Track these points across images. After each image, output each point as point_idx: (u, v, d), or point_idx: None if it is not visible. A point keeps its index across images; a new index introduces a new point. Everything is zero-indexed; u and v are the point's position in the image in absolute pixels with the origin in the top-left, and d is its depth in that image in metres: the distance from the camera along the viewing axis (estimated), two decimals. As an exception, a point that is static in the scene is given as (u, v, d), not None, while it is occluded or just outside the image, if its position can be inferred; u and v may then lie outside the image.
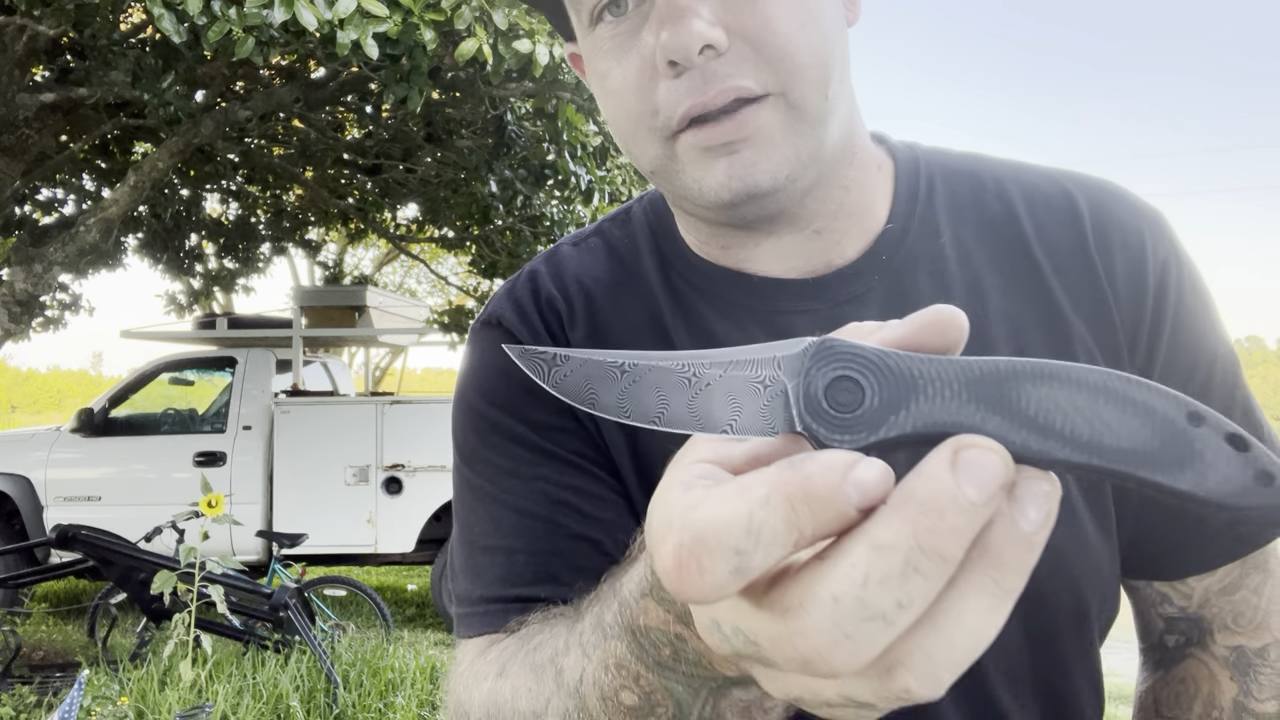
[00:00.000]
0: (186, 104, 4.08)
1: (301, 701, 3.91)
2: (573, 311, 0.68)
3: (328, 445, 6.49)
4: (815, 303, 0.63)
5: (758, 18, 0.54)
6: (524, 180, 5.31)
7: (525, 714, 0.52)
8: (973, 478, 0.27)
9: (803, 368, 0.30)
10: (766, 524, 0.27)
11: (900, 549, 0.26)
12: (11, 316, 4.32)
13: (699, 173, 0.57)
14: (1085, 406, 0.28)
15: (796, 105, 0.56)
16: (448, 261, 14.28)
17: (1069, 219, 0.65)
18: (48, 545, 4.58)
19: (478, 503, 0.65)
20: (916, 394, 0.29)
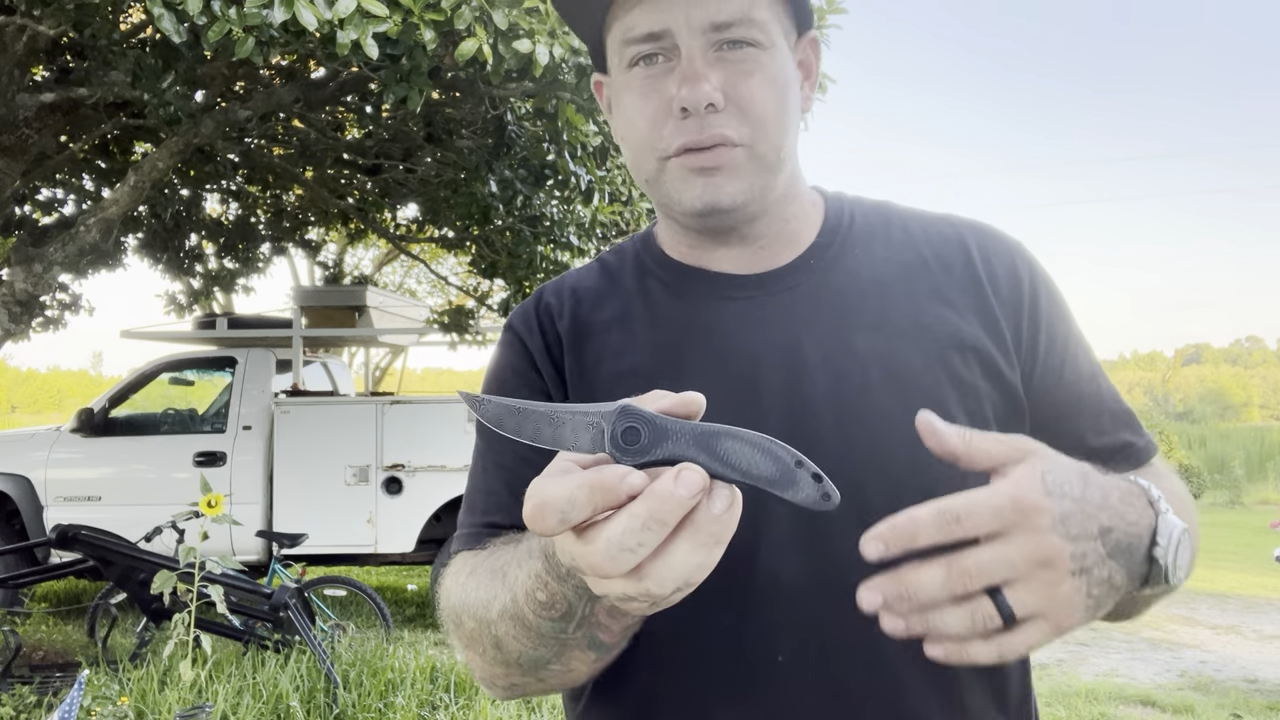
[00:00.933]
0: (186, 104, 4.08)
1: (301, 701, 3.91)
2: (562, 309, 0.91)
3: (328, 445, 6.49)
4: (756, 292, 0.86)
5: (746, 91, 0.80)
6: (524, 180, 5.30)
7: (483, 601, 0.74)
8: (684, 484, 0.50)
9: (611, 420, 0.54)
10: (577, 498, 0.51)
11: (642, 517, 0.50)
12: (11, 316, 4.32)
13: (682, 186, 0.82)
14: (748, 453, 0.52)
15: (759, 156, 0.81)
16: (448, 261, 14.27)
17: (957, 245, 0.88)
18: (48, 545, 4.58)
19: (477, 458, 0.92)
20: (667, 440, 0.53)
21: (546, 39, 3.49)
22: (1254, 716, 4.73)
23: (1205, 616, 7.30)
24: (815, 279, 0.86)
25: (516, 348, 0.91)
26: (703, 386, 0.74)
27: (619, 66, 0.84)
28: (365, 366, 12.48)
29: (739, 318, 0.85)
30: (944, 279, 0.85)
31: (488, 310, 7.47)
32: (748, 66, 0.80)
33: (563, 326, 0.89)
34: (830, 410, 0.79)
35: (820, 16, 4.51)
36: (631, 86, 0.82)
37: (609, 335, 0.88)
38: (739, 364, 0.82)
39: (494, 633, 0.72)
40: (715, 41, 0.79)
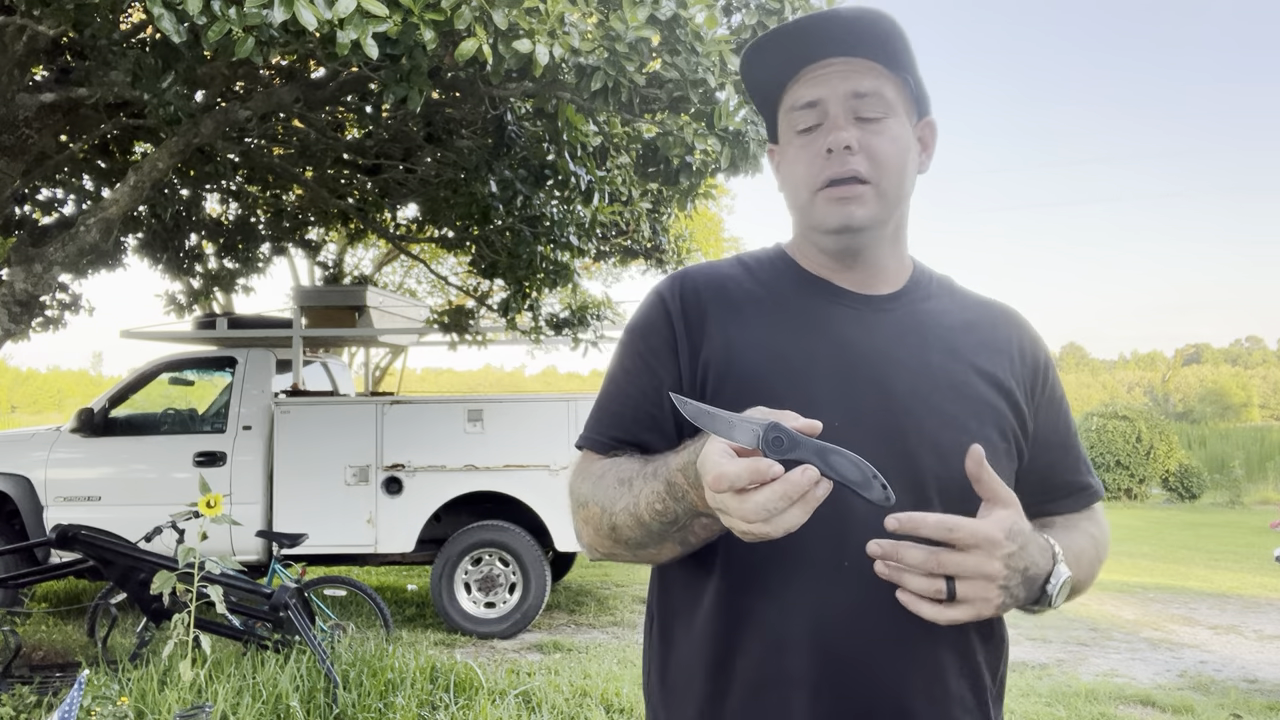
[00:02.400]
0: (186, 104, 4.07)
1: (301, 701, 3.91)
2: (709, 284, 1.18)
3: (328, 445, 6.49)
4: (863, 307, 1.16)
5: (875, 143, 1.10)
6: (524, 180, 5.30)
7: (609, 497, 1.08)
8: (807, 477, 0.84)
9: (764, 429, 0.86)
10: (743, 476, 0.84)
11: (780, 492, 0.84)
12: (11, 316, 4.31)
13: (827, 210, 1.11)
14: (845, 464, 0.85)
15: (882, 192, 1.11)
16: (448, 261, 14.26)
17: (1001, 319, 1.23)
18: (48, 545, 4.58)
19: (610, 378, 1.20)
20: (798, 448, 0.85)
21: (546, 39, 3.49)
22: (1254, 716, 4.72)
23: (1205, 616, 7.29)
24: (906, 309, 1.17)
25: (659, 307, 1.17)
26: (818, 367, 1.10)
27: (788, 132, 1.15)
28: (365, 366, 12.48)
29: (847, 322, 1.14)
30: (990, 338, 1.18)
31: (488, 310, 7.46)
32: (877, 128, 1.11)
33: (709, 298, 1.16)
34: (909, 401, 1.09)
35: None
36: (794, 145, 1.14)
37: (754, 311, 1.15)
38: (845, 356, 1.11)
39: (614, 521, 1.07)
40: (855, 109, 1.10)
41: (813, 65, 1.12)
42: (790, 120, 1.14)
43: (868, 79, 1.11)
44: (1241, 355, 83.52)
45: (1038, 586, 1.00)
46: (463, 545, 6.39)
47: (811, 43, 1.12)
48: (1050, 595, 1.01)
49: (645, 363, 1.16)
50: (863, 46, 1.11)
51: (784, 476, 0.83)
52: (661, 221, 7.60)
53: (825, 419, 0.99)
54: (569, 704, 4.46)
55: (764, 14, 4.07)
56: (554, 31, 3.53)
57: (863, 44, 1.11)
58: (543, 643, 6.13)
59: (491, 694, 4.42)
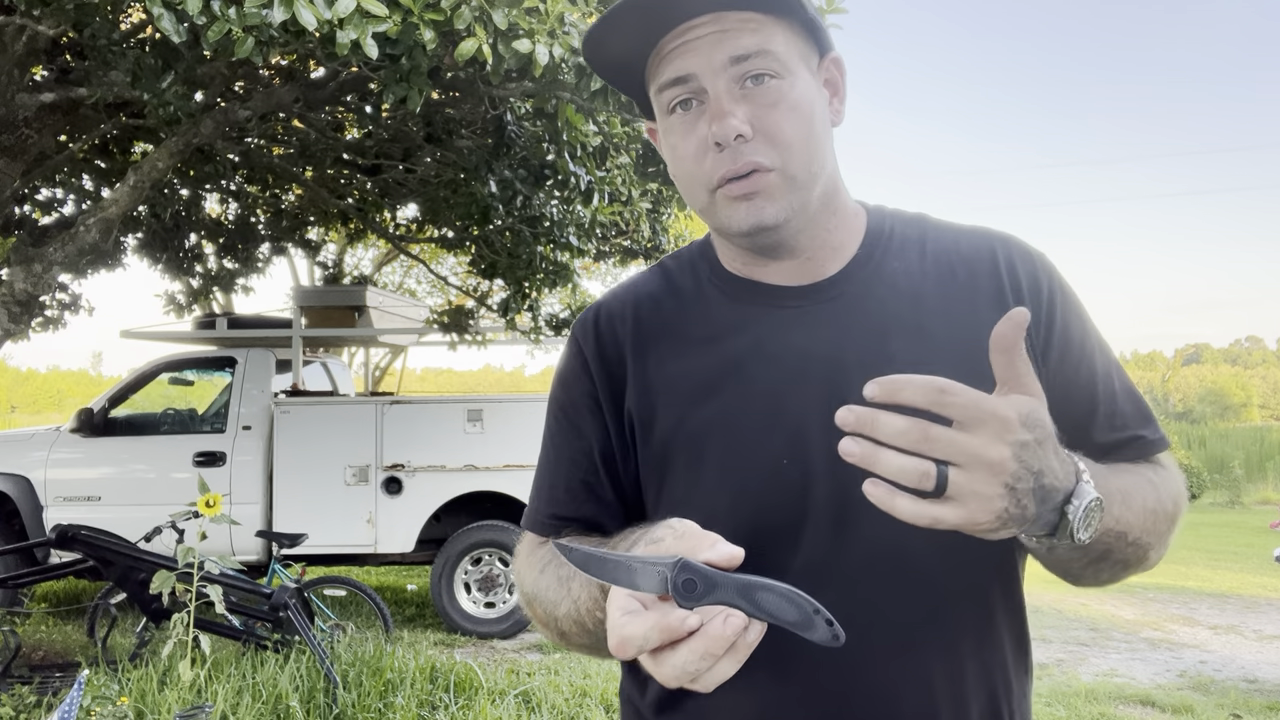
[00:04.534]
0: (186, 104, 4.07)
1: (301, 701, 3.91)
2: (625, 315, 1.01)
3: (328, 445, 6.49)
4: (803, 301, 0.95)
5: (770, 121, 0.88)
6: (524, 180, 5.30)
7: (551, 601, 0.93)
8: (730, 628, 0.67)
9: (673, 571, 0.70)
10: (650, 637, 0.68)
11: (699, 651, 0.68)
12: (11, 316, 4.31)
13: (730, 212, 0.91)
14: (777, 602, 0.68)
15: (790, 175, 0.89)
16: (447, 261, 14.26)
17: (987, 256, 0.96)
18: (48, 545, 4.57)
19: (548, 443, 1.05)
20: (716, 590, 0.69)
21: (546, 39, 3.49)
22: (1254, 716, 4.72)
23: (1205, 616, 7.29)
24: (857, 288, 0.95)
25: (574, 353, 1.02)
26: (756, 387, 0.92)
27: (661, 114, 0.94)
28: (365, 366, 12.48)
29: (787, 325, 0.94)
30: (972, 287, 0.94)
31: (487, 310, 7.46)
32: (771, 97, 0.89)
33: (624, 333, 0.99)
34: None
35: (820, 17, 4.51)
36: (673, 130, 0.93)
37: (671, 340, 0.98)
38: (786, 368, 0.92)
39: (560, 627, 0.93)
40: (738, 77, 0.88)
41: (672, 33, 0.90)
42: (662, 100, 0.93)
43: (745, 36, 0.88)
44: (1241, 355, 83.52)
45: (1055, 504, 0.74)
46: (463, 545, 6.39)
47: (665, 4, 0.89)
48: (1071, 521, 0.74)
49: (570, 423, 1.01)
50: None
51: (702, 630, 0.67)
52: (661, 221, 7.60)
53: (769, 461, 0.89)
54: (569, 704, 4.46)
55: (764, 14, 4.06)
56: (554, 31, 3.52)
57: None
58: (543, 643, 6.13)
59: (491, 694, 4.42)
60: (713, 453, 0.92)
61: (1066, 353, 0.94)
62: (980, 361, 0.84)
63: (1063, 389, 0.91)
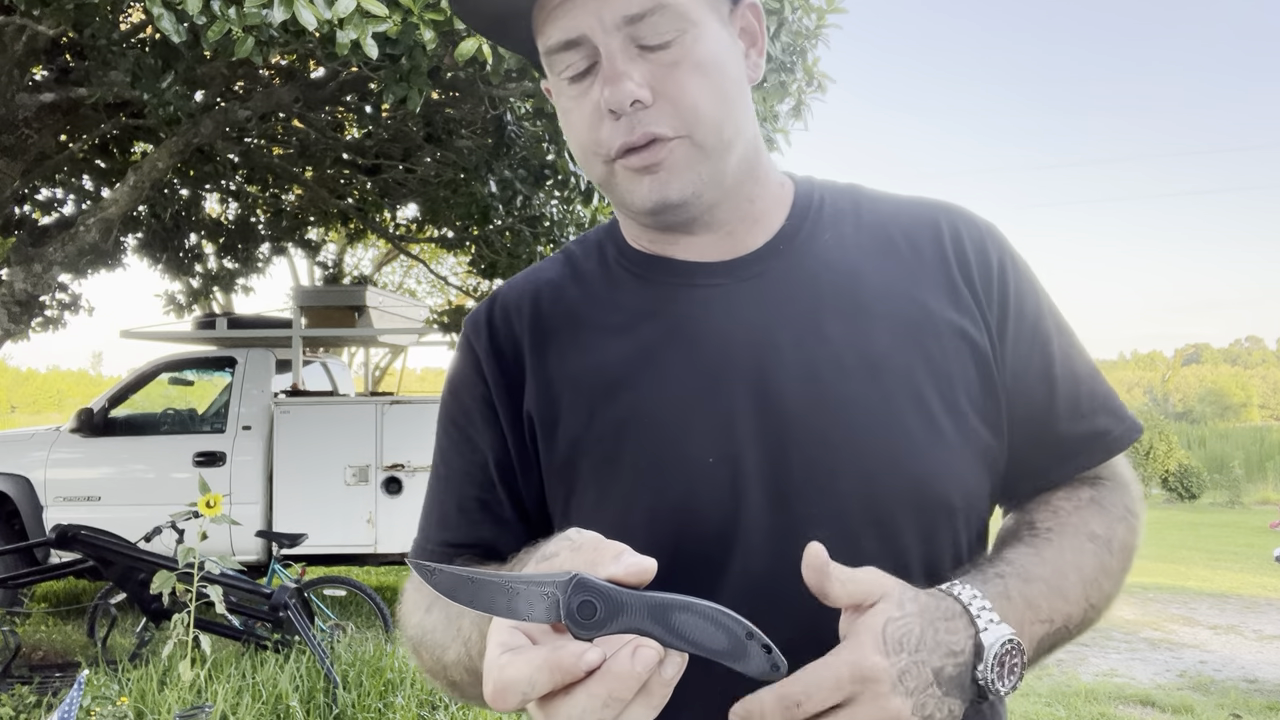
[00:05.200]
0: (186, 104, 4.07)
1: (301, 701, 3.91)
2: (521, 308, 0.89)
3: (327, 445, 6.49)
4: (724, 279, 0.83)
5: (673, 83, 0.76)
6: (524, 180, 5.30)
7: (439, 644, 0.79)
8: (640, 662, 0.52)
9: (565, 591, 0.54)
10: (538, 680, 0.53)
11: (601, 696, 0.52)
12: (11, 316, 4.31)
13: (631, 186, 0.79)
14: (700, 625, 0.54)
15: (699, 144, 0.77)
16: (447, 261, 14.27)
17: (928, 226, 0.85)
18: (48, 545, 4.58)
19: (434, 467, 0.92)
20: (622, 614, 0.54)
21: (546, 39, 3.49)
22: (1254, 716, 4.72)
23: (1205, 616, 7.30)
24: (785, 263, 0.83)
25: (465, 352, 0.89)
26: (674, 376, 0.80)
27: (553, 78, 0.82)
28: (365, 366, 12.48)
29: (707, 305, 0.82)
30: (914, 261, 0.83)
31: (487, 310, 7.46)
32: (672, 56, 0.76)
33: (521, 327, 0.87)
34: (802, 399, 0.77)
35: (820, 17, 4.51)
36: (566, 95, 0.81)
37: (576, 330, 0.85)
38: (708, 353, 0.80)
39: (449, 675, 0.79)
40: (633, 36, 0.76)
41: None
42: (552, 65, 0.81)
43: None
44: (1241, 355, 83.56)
45: (969, 679, 0.65)
46: (462, 545, 6.38)
47: None
48: (990, 682, 0.64)
49: (462, 434, 0.88)
50: None
51: (604, 667, 0.52)
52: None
53: (692, 459, 0.77)
54: (569, 704, 4.45)
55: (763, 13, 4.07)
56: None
57: None
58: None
59: (491, 694, 4.42)
60: (626, 455, 0.79)
61: (1020, 332, 0.83)
62: (924, 338, 0.79)
63: (1017, 374, 0.82)
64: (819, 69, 4.83)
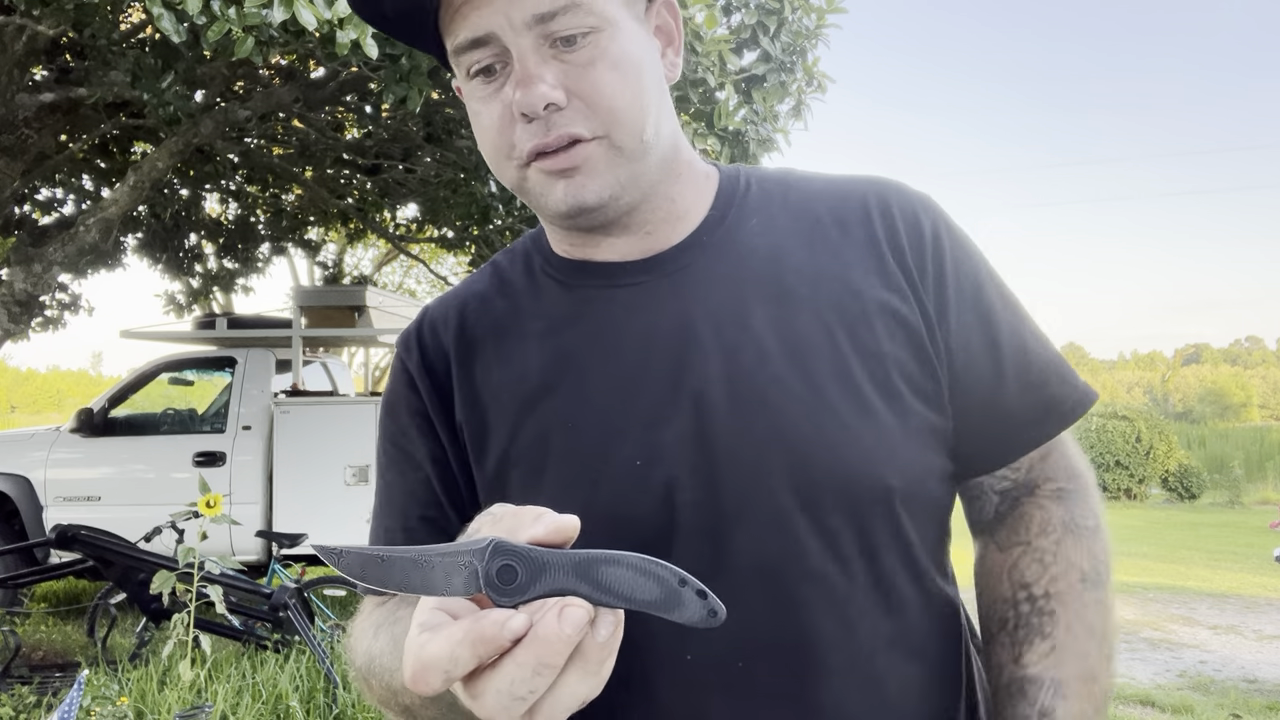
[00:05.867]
0: (186, 104, 4.08)
1: (301, 701, 3.91)
2: (448, 322, 0.87)
3: (328, 445, 6.49)
4: (647, 276, 0.81)
5: (588, 83, 0.73)
6: (524, 180, 5.30)
7: (387, 669, 0.71)
8: (569, 622, 0.48)
9: (484, 558, 0.50)
10: (460, 656, 0.49)
11: (530, 665, 0.48)
12: (11, 316, 4.32)
13: (545, 191, 0.76)
14: (629, 577, 0.50)
15: (617, 145, 0.75)
16: (447, 261, 14.28)
17: (856, 202, 0.83)
18: (48, 545, 4.58)
19: (376, 491, 0.89)
20: (545, 574, 0.50)
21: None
22: (1253, 716, 4.73)
23: (1205, 616, 7.30)
24: (708, 255, 0.81)
25: (398, 371, 0.88)
26: (596, 380, 0.78)
27: (462, 78, 0.78)
28: (365, 366, 12.49)
29: (628, 305, 0.80)
30: (841, 240, 0.81)
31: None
32: (586, 55, 0.73)
33: (448, 340, 0.86)
34: (725, 389, 0.75)
35: (820, 17, 4.51)
36: (475, 96, 0.77)
37: (499, 341, 0.84)
38: (631, 353, 0.78)
39: (401, 702, 0.70)
40: (546, 36, 0.73)
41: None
42: (460, 64, 0.77)
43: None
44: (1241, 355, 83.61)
45: None
46: (462, 545, 6.39)
47: None
48: None
49: (401, 451, 0.86)
50: None
51: (531, 633, 0.48)
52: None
53: (619, 464, 0.75)
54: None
55: (763, 13, 4.08)
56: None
57: None
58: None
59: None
60: (551, 465, 0.77)
61: (961, 304, 0.80)
62: (852, 319, 0.77)
63: (960, 348, 0.79)
64: (819, 69, 4.84)
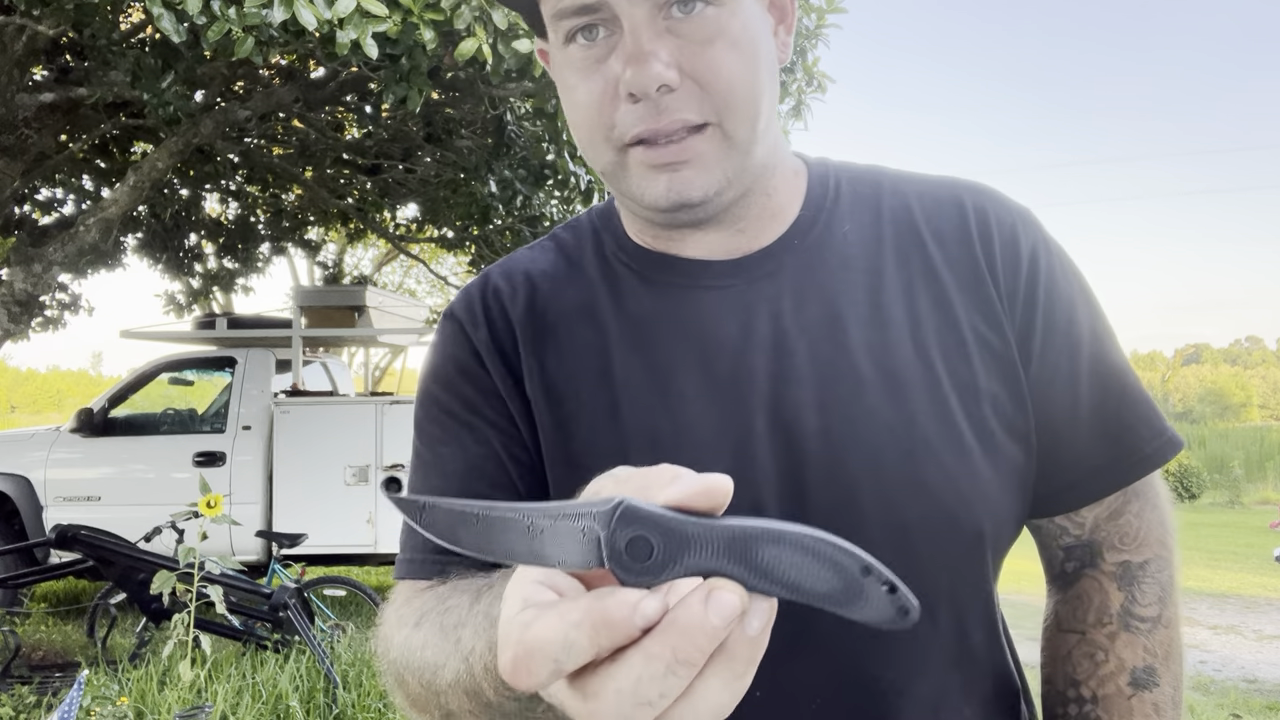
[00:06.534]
0: (186, 104, 4.08)
1: (301, 701, 3.91)
2: (515, 295, 0.79)
3: (327, 445, 6.49)
4: (734, 280, 0.75)
5: (705, 62, 0.66)
6: (523, 180, 5.31)
7: (430, 665, 0.62)
8: (718, 610, 0.37)
9: (608, 524, 0.39)
10: (576, 642, 0.38)
11: (664, 659, 0.37)
12: (11, 316, 4.32)
13: (644, 182, 0.69)
14: (799, 561, 0.39)
15: (730, 135, 0.68)
16: (447, 261, 14.28)
17: (954, 213, 0.77)
18: (48, 545, 4.58)
19: (418, 464, 0.80)
20: (689, 550, 0.39)
21: (546, 39, 3.49)
22: (1254, 716, 4.72)
23: (1205, 616, 7.30)
24: (800, 262, 0.75)
25: (459, 340, 0.79)
26: (682, 390, 0.72)
27: (556, 41, 0.70)
28: (365, 366, 12.49)
29: (716, 312, 0.74)
30: (939, 255, 0.75)
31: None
32: (706, 31, 0.66)
33: (516, 315, 0.78)
34: (819, 419, 0.69)
35: (820, 17, 4.52)
36: (571, 64, 0.69)
37: (574, 331, 0.76)
38: (721, 365, 0.72)
39: (445, 704, 0.61)
40: (661, 4, 0.65)
41: None
42: (557, 28, 0.69)
43: None
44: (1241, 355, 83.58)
45: None
46: (462, 545, 6.39)
47: None
48: None
49: (461, 424, 0.77)
50: None
51: (667, 620, 0.38)
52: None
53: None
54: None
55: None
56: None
57: None
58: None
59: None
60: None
61: (1050, 335, 0.74)
62: (950, 348, 0.72)
63: (1043, 381, 0.74)
64: (819, 69, 4.84)
